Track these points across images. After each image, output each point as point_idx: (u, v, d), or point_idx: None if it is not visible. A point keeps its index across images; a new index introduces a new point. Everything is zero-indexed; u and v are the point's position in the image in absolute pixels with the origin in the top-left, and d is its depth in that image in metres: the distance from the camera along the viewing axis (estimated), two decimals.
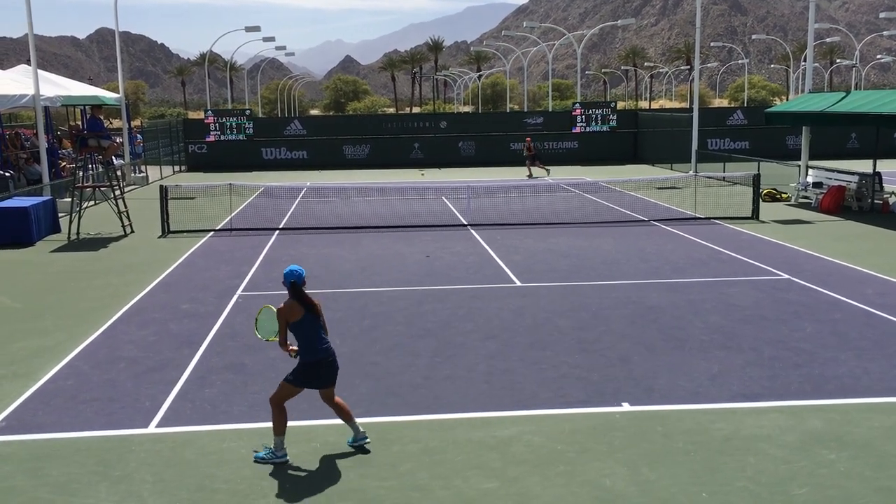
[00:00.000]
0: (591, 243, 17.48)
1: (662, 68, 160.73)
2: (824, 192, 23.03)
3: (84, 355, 10.11)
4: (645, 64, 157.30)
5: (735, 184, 26.82)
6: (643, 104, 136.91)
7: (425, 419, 7.95)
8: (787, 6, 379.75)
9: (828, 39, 78.76)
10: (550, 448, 7.25)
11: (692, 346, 10.10)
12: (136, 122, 49.09)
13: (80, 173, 20.45)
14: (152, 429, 7.81)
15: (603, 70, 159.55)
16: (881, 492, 6.38)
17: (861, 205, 22.33)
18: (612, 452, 7.14)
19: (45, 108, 25.99)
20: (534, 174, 33.22)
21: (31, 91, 24.16)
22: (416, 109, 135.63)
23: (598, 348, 10.08)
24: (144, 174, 33.22)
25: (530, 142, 34.00)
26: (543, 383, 8.88)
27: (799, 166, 25.45)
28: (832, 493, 6.38)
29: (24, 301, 13.08)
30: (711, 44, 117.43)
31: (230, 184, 22.62)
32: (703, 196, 23.71)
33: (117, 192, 19.99)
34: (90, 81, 74.94)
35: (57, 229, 19.97)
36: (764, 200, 23.30)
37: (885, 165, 26.69)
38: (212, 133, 38.17)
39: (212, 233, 19.54)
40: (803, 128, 25.53)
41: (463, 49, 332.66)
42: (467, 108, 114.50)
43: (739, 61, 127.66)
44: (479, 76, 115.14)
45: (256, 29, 46.33)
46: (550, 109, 58.91)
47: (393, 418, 7.97)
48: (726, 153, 34.06)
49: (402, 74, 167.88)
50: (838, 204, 22.33)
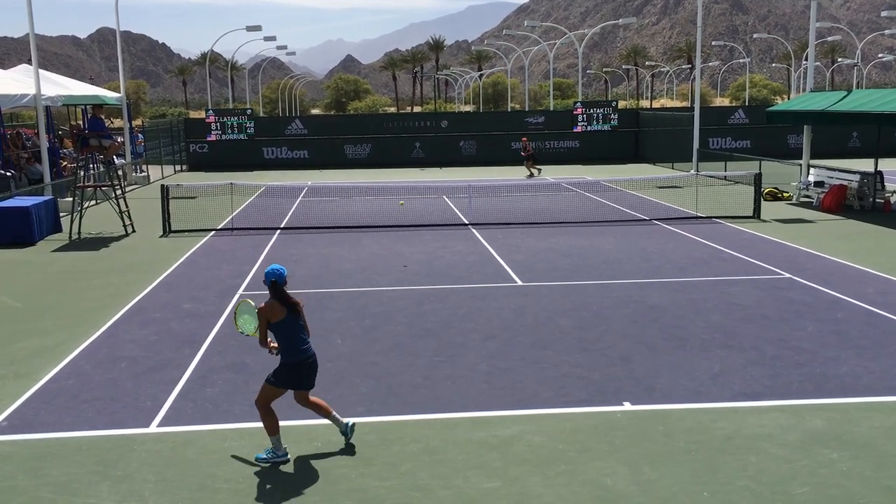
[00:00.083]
0: (592, 242, 17.48)
1: (664, 67, 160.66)
2: (826, 191, 23.01)
3: (85, 355, 10.12)
4: (646, 63, 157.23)
5: (736, 183, 26.80)
6: (644, 103, 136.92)
7: (426, 419, 7.96)
8: (789, 5, 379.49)
9: (829, 38, 78.65)
10: (551, 447, 7.25)
11: (693, 346, 10.10)
12: (138, 122, 49.07)
13: (82, 173, 20.46)
14: (153, 428, 7.82)
15: (604, 69, 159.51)
16: (882, 491, 6.38)
17: (862, 204, 22.32)
18: (614, 452, 7.14)
19: (47, 108, 26.00)
20: (531, 173, 33.20)
21: (32, 91, 24.17)
22: (417, 109, 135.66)
23: (599, 347, 10.08)
24: (145, 174, 33.24)
25: (527, 141, 33.98)
26: (544, 383, 8.88)
27: (800, 165, 25.43)
28: (833, 492, 6.38)
29: (25, 301, 13.10)
30: (713, 43, 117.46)
31: (231, 183, 22.64)
32: (704, 195, 23.70)
33: (118, 192, 20.00)
34: (91, 81, 75.07)
35: (58, 229, 19.99)
36: (765, 199, 23.29)
37: (886, 164, 26.70)
38: (213, 132, 38.17)
39: (213, 232, 19.55)
40: (805, 127, 25.51)
41: (464, 48, 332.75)
42: (468, 108, 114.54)
43: (741, 60, 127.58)
44: (481, 75, 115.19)
45: (257, 28, 46.37)
46: (552, 109, 58.90)
47: (393, 418, 7.98)
48: (728, 152, 34.03)
49: (403, 74, 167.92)
50: (840, 203, 22.31)
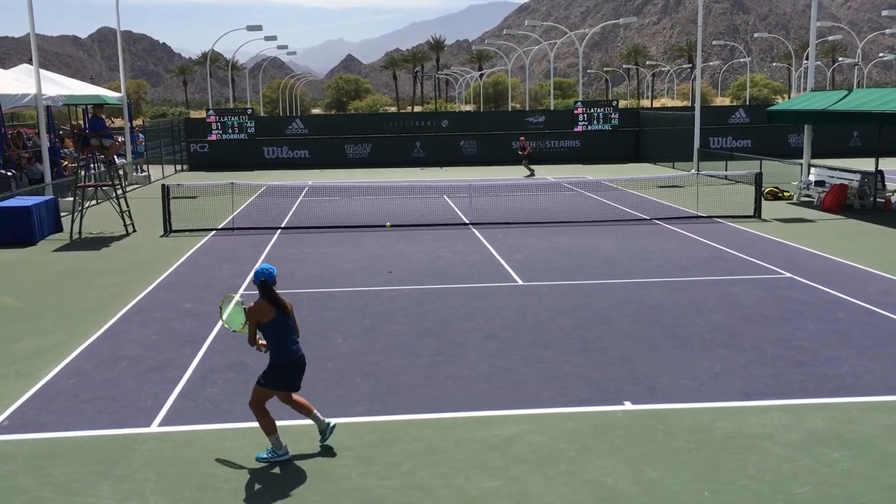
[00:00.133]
0: (592, 242, 17.48)
1: (664, 67, 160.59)
2: (826, 190, 23.00)
3: (86, 354, 10.12)
4: (647, 62, 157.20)
5: (737, 182, 26.79)
6: (645, 103, 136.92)
7: (427, 418, 7.96)
8: (789, 4, 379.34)
9: (830, 38, 78.57)
10: (552, 447, 7.25)
11: (694, 345, 10.10)
12: (138, 122, 49.12)
13: (82, 172, 20.47)
14: (154, 428, 7.82)
15: (605, 69, 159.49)
16: (883, 490, 6.38)
17: (863, 203, 22.31)
18: (614, 451, 7.14)
19: (47, 108, 26.01)
20: (530, 172, 33.18)
21: (32, 90, 24.18)
22: (417, 108, 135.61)
23: (599, 347, 10.08)
24: (146, 173, 33.24)
25: (524, 140, 33.95)
26: (545, 382, 8.88)
27: (801, 165, 25.42)
28: (834, 491, 6.38)
29: (26, 300, 13.10)
30: (713, 42, 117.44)
31: (232, 183, 22.65)
32: (705, 194, 23.70)
33: (119, 192, 20.01)
34: (92, 81, 75.15)
35: (59, 229, 20.00)
36: (766, 199, 23.28)
37: (887, 164, 26.69)
38: (213, 132, 38.21)
39: (213, 232, 19.56)
40: (805, 126, 25.52)
41: (465, 48, 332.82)
42: (469, 107, 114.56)
43: (741, 60, 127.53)
44: (481, 75, 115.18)
45: (258, 28, 46.39)
46: (552, 108, 58.86)
47: (394, 417, 7.98)
48: (728, 151, 34.02)
49: (403, 73, 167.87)
50: (840, 202, 22.30)
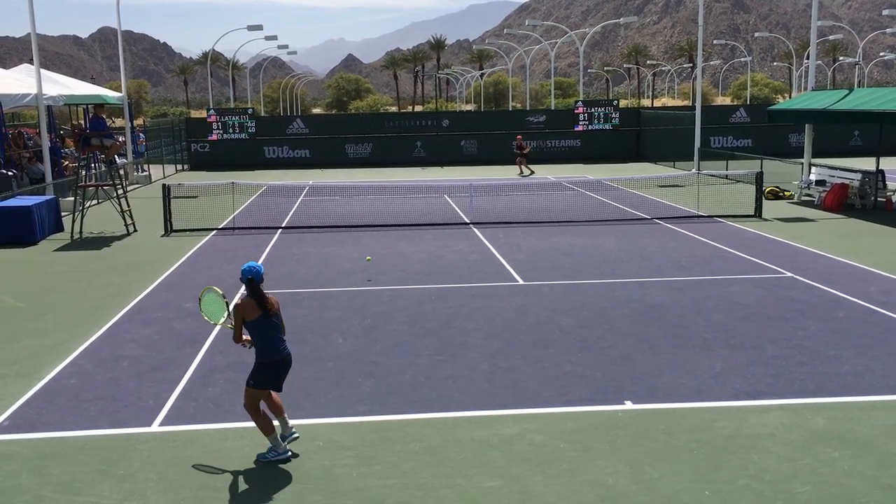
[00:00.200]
0: (593, 241, 17.47)
1: (665, 66, 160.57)
2: (827, 189, 22.99)
3: (87, 354, 10.13)
4: (647, 62, 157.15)
5: (738, 182, 26.79)
6: (646, 102, 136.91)
7: (427, 418, 7.96)
8: (790, 4, 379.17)
9: (831, 37, 78.56)
10: (553, 446, 7.25)
11: (695, 345, 10.10)
12: (139, 121, 49.12)
13: (83, 172, 20.47)
14: (155, 427, 7.82)
15: (605, 68, 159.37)
16: (884, 490, 6.38)
17: (864, 202, 22.30)
18: (615, 451, 7.14)
19: (48, 108, 26.02)
20: (522, 171, 33.24)
21: (33, 90, 24.19)
22: (418, 108, 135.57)
23: (600, 346, 10.08)
24: (147, 173, 33.26)
25: (521, 139, 33.95)
26: (546, 382, 8.88)
27: (802, 164, 25.41)
28: (835, 491, 6.38)
29: (27, 300, 13.11)
30: (714, 42, 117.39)
31: (233, 182, 22.66)
32: (705, 194, 23.70)
33: (120, 192, 20.01)
34: (93, 80, 75.02)
35: (60, 228, 20.00)
36: (767, 198, 23.28)
37: (888, 163, 26.68)
38: (214, 132, 38.23)
39: (214, 231, 19.56)
40: (806, 125, 25.51)
41: (465, 47, 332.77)
42: (469, 107, 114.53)
43: (742, 59, 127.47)
44: (482, 74, 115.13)
45: (259, 28, 46.40)
46: (553, 108, 58.86)
47: (395, 417, 7.98)
48: (729, 151, 34.03)
49: (404, 73, 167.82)
50: (841, 202, 22.30)
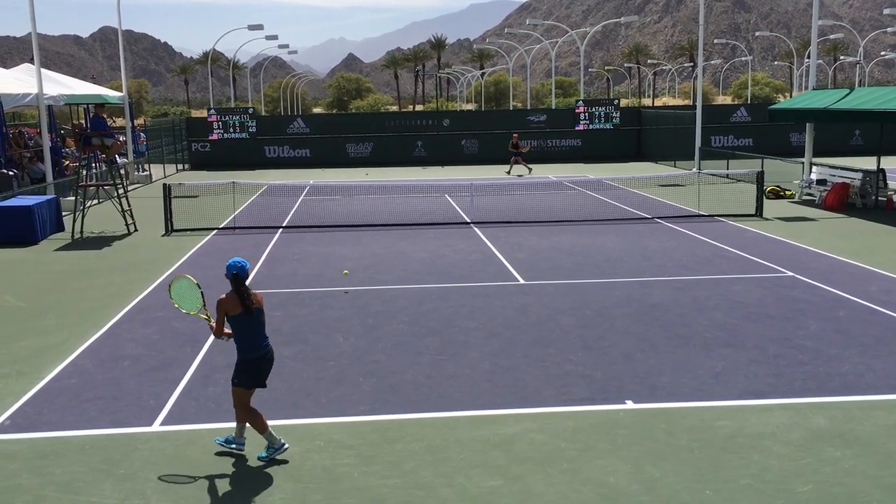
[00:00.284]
0: (594, 241, 17.47)
1: (665, 65, 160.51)
2: (828, 189, 22.98)
3: (88, 354, 10.13)
4: (648, 61, 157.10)
5: (739, 181, 26.77)
6: (646, 101, 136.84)
7: (428, 417, 7.96)
8: (791, 3, 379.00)
9: (831, 36, 78.57)
10: (554, 446, 7.25)
11: (696, 344, 10.09)
12: (140, 121, 49.16)
13: (84, 172, 20.49)
14: (156, 427, 7.83)
15: (606, 67, 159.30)
16: (885, 489, 6.37)
17: (865, 202, 22.29)
18: (616, 450, 7.14)
19: (49, 107, 26.01)
20: (513, 171, 33.25)
21: (34, 90, 24.19)
22: (419, 107, 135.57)
23: (601, 346, 10.07)
24: (148, 173, 33.27)
25: (517, 138, 33.97)
26: (547, 381, 8.88)
27: (803, 163, 25.41)
28: (836, 490, 6.37)
29: (27, 300, 13.11)
30: (715, 41, 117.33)
31: (233, 182, 22.66)
32: (706, 193, 23.70)
33: (121, 191, 20.01)
34: (93, 80, 75.12)
35: (61, 228, 20.00)
36: (768, 198, 23.27)
37: (889, 162, 26.65)
38: (215, 131, 38.23)
39: (215, 231, 19.56)
40: (807, 125, 25.51)
41: (466, 47, 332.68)
42: (470, 106, 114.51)
43: (743, 58, 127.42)
44: (482, 74, 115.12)
45: (259, 27, 46.42)
46: (553, 107, 58.87)
47: (396, 416, 7.98)
48: (730, 150, 34.01)
49: (405, 72, 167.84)
50: (842, 201, 22.28)
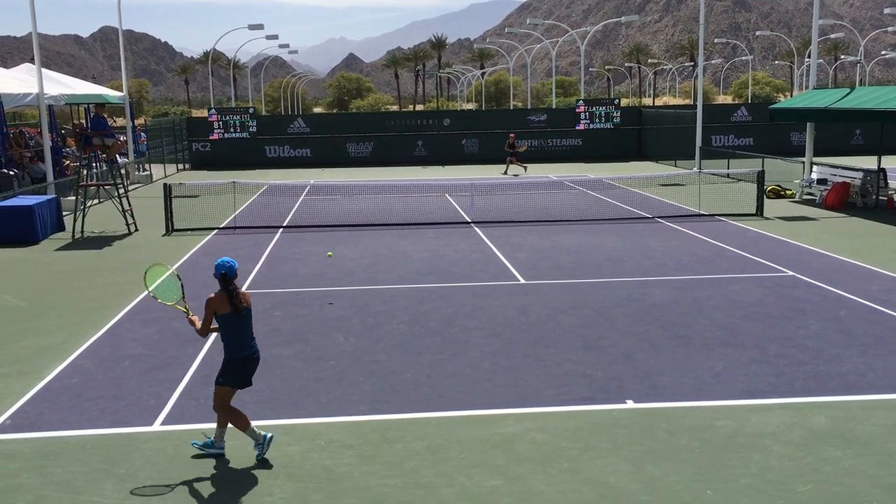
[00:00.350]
0: (595, 240, 17.47)
1: (666, 65, 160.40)
2: (829, 188, 22.97)
3: (88, 353, 10.14)
4: (649, 61, 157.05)
5: (739, 180, 26.77)
6: (647, 101, 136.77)
7: (429, 416, 7.96)
8: (791, 2, 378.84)
9: (832, 35, 78.60)
10: (554, 445, 7.25)
11: (696, 344, 10.09)
12: (140, 121, 49.14)
13: (85, 172, 20.49)
14: (157, 426, 7.83)
15: (606, 67, 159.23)
16: (885, 489, 6.37)
17: (866, 201, 22.28)
18: (616, 449, 7.14)
19: (49, 107, 26.02)
20: (509, 171, 33.25)
21: (35, 90, 24.20)
22: (419, 107, 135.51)
23: (601, 345, 10.07)
24: (148, 172, 33.27)
25: (514, 138, 33.98)
26: (547, 380, 8.88)
27: (803, 163, 25.41)
28: (836, 489, 6.37)
29: (28, 299, 13.12)
30: (715, 40, 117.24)
31: (234, 182, 22.67)
32: (707, 193, 23.70)
33: (121, 191, 20.02)
34: (94, 80, 75.14)
35: (61, 228, 20.01)
36: (768, 197, 23.27)
37: (889, 161, 26.64)
38: (215, 131, 38.21)
39: (216, 231, 19.57)
40: (807, 124, 25.51)
41: (466, 46, 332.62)
42: (471, 106, 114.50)
43: (743, 58, 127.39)
44: (483, 73, 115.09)
45: (259, 27, 46.42)
46: (554, 107, 58.86)
47: (396, 416, 7.98)
48: (730, 150, 34.00)
49: (405, 72, 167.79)
50: (843, 200, 22.28)
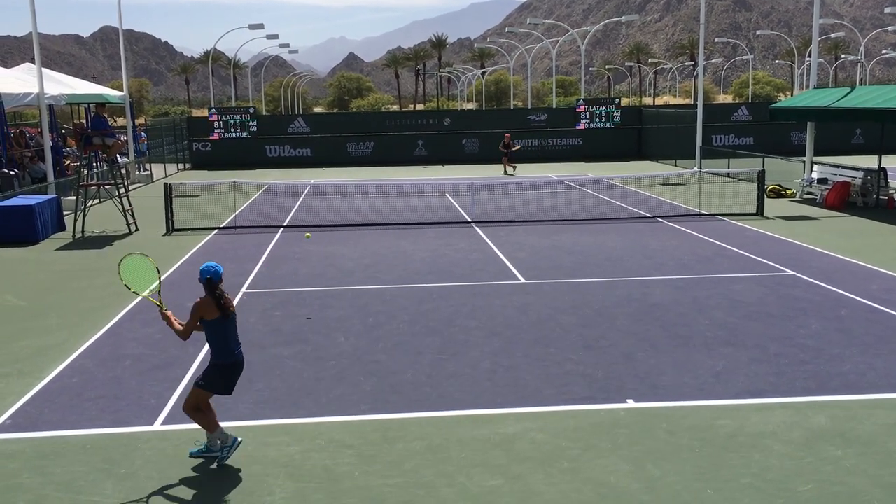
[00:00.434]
0: (595, 240, 17.47)
1: (666, 64, 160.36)
2: (829, 187, 22.97)
3: (89, 353, 10.14)
4: (649, 60, 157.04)
5: (740, 180, 26.77)
6: (647, 100, 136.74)
7: (429, 416, 7.96)
8: (792, 1, 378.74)
9: (832, 35, 78.62)
10: (554, 445, 7.25)
11: (697, 343, 10.09)
12: (141, 120, 49.17)
13: (85, 171, 20.50)
14: (157, 426, 7.82)
15: (607, 66, 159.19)
16: (886, 488, 6.37)
17: (866, 200, 22.27)
18: (617, 449, 7.14)
19: (50, 107, 26.02)
20: (507, 171, 33.26)
21: (35, 89, 24.20)
22: (419, 106, 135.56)
23: (602, 345, 10.07)
24: (149, 172, 33.27)
25: (509, 138, 33.99)
26: (547, 380, 8.88)
27: (804, 162, 25.40)
28: (837, 489, 6.37)
29: (29, 299, 13.12)
30: (716, 40, 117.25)
31: (234, 181, 22.68)
32: (707, 192, 23.69)
33: (122, 191, 20.02)
34: (94, 80, 75.12)
35: (62, 227, 20.01)
36: (769, 196, 23.26)
37: (890, 161, 26.64)
38: (216, 131, 38.24)
39: (216, 230, 19.57)
40: (808, 123, 25.51)
41: (466, 46, 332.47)
42: (471, 105, 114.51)
43: (744, 57, 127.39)
44: (483, 73, 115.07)
45: (260, 26, 46.42)
46: (554, 106, 58.85)
47: (396, 416, 7.98)
48: (731, 149, 34.00)
49: (405, 71, 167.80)
50: (843, 200, 22.27)
